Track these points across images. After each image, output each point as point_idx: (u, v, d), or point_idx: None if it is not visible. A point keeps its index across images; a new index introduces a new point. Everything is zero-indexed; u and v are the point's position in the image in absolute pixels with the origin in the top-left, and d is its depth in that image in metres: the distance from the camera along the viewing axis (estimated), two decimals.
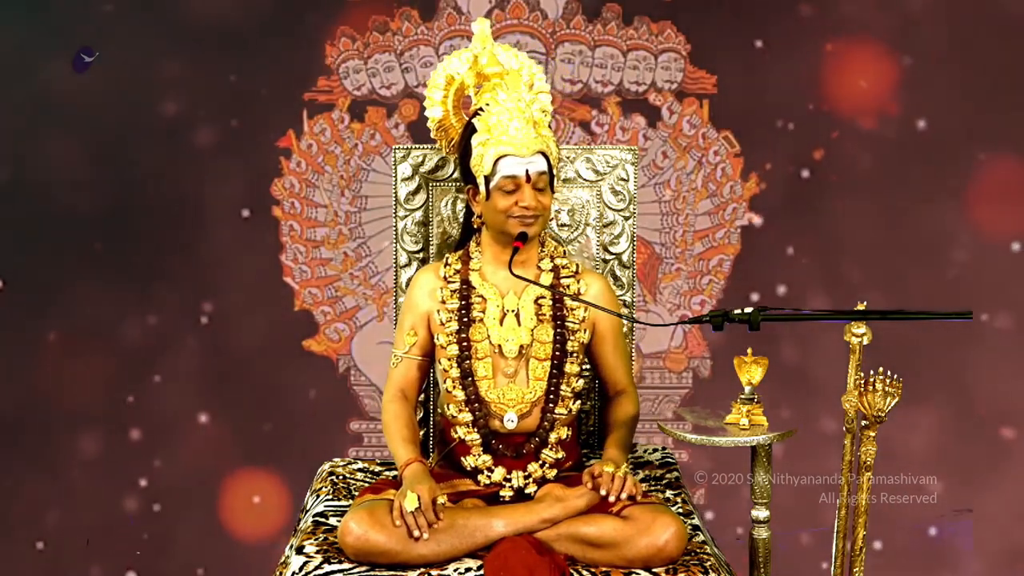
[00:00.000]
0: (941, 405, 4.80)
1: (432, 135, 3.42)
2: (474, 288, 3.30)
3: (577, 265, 3.37)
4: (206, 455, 4.87)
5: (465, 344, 3.25)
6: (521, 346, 3.26)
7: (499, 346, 3.26)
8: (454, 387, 3.26)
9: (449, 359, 3.26)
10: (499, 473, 3.23)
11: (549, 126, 3.30)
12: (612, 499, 3.06)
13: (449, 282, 3.31)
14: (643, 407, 4.77)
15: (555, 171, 3.28)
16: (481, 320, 3.27)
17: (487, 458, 3.24)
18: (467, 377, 3.25)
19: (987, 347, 4.80)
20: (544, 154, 3.22)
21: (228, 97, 4.78)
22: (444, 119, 3.39)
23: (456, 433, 3.27)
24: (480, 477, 3.24)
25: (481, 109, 3.27)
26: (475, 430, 3.25)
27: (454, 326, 3.27)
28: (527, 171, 3.20)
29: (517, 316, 3.28)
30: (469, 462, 3.25)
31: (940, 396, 4.78)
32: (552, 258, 3.34)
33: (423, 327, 3.32)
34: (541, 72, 3.34)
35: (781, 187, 4.82)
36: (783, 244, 4.83)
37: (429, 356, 3.35)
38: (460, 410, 3.25)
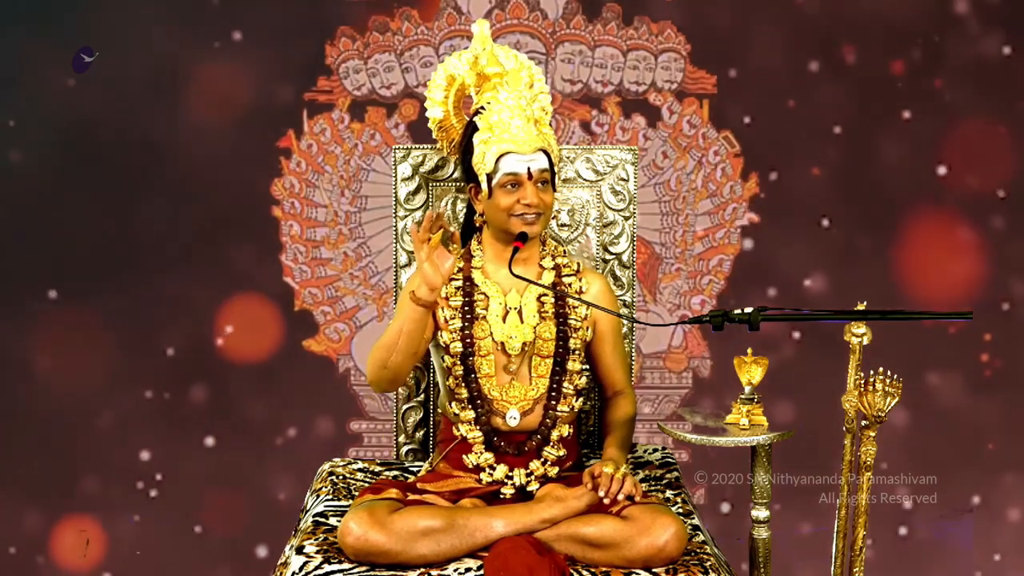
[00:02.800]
0: None
1: (433, 135, 3.43)
2: (477, 285, 3.31)
3: (578, 264, 3.37)
4: (205, 457, 4.88)
5: (469, 341, 3.26)
6: (524, 343, 3.26)
7: (502, 343, 3.27)
8: (457, 385, 3.26)
9: (453, 356, 3.26)
10: (501, 471, 3.24)
11: (549, 124, 3.32)
12: (607, 501, 3.06)
13: (452, 279, 3.31)
14: (643, 407, 4.79)
15: (556, 169, 3.29)
16: (484, 317, 3.28)
17: (489, 456, 3.25)
18: (470, 374, 3.25)
19: None
20: (546, 152, 3.24)
21: (228, 96, 4.78)
22: (445, 119, 3.39)
23: (458, 431, 3.27)
24: (482, 475, 3.24)
25: (482, 108, 3.28)
26: (477, 428, 3.25)
27: (457, 323, 3.27)
28: (529, 168, 3.21)
29: (520, 313, 3.29)
30: (471, 460, 3.25)
31: None
32: (553, 257, 3.35)
33: None
34: (540, 73, 3.36)
35: (782, 186, 4.83)
36: (784, 244, 4.83)
37: (428, 338, 3.31)
38: (463, 408, 3.26)
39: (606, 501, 3.07)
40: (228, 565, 4.89)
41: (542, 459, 3.26)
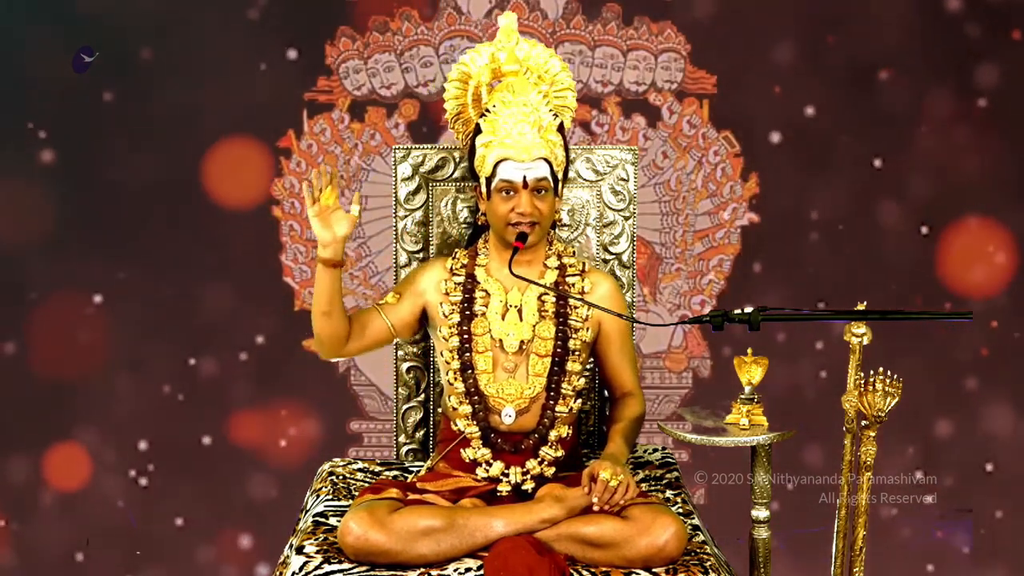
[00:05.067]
0: None
1: (450, 127, 3.42)
2: (478, 282, 3.31)
3: (584, 264, 3.37)
4: (205, 455, 4.88)
5: (466, 337, 3.26)
6: (522, 341, 3.26)
7: (500, 340, 3.27)
8: (454, 379, 3.27)
9: (450, 351, 3.27)
10: (497, 467, 3.24)
11: (559, 129, 3.28)
12: (596, 508, 3.05)
13: (455, 275, 3.32)
14: None
15: (559, 177, 3.27)
16: (483, 314, 3.28)
17: (486, 452, 3.25)
18: (467, 370, 3.26)
19: None
20: (547, 160, 3.22)
21: (228, 97, 4.78)
22: (463, 112, 3.38)
23: (456, 426, 3.27)
24: (479, 470, 3.24)
25: (487, 111, 3.27)
26: (474, 423, 3.25)
27: (456, 318, 3.28)
28: (525, 177, 3.21)
29: (519, 311, 3.29)
30: (468, 454, 3.26)
31: None
32: (559, 256, 3.35)
33: (409, 302, 3.31)
34: (566, 71, 3.34)
35: (782, 185, 4.83)
36: (783, 244, 4.84)
37: (393, 330, 3.32)
38: (460, 402, 3.26)
39: (595, 509, 3.06)
40: (218, 561, 4.90)
41: (539, 459, 3.26)
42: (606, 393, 3.51)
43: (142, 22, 4.75)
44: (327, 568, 3.00)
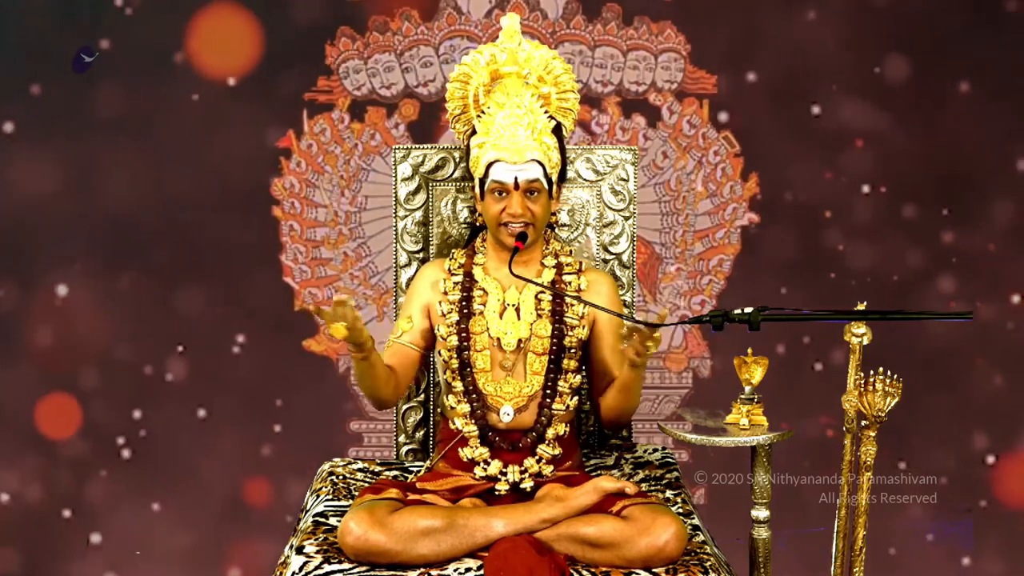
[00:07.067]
0: None
1: (451, 127, 3.42)
2: (476, 281, 3.31)
3: (581, 263, 3.37)
4: (205, 454, 4.87)
5: (464, 335, 3.27)
6: (519, 340, 3.27)
7: (498, 339, 3.27)
8: (453, 378, 3.27)
9: (449, 350, 3.28)
10: (495, 466, 3.24)
11: (556, 131, 3.28)
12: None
13: (453, 274, 3.33)
14: (643, 407, 4.79)
15: (553, 179, 3.27)
16: (481, 313, 3.29)
17: (484, 450, 3.25)
18: (465, 368, 3.26)
19: None
20: (540, 162, 3.22)
21: (228, 97, 4.78)
22: (464, 113, 3.39)
23: (454, 425, 3.28)
24: (477, 469, 3.25)
25: (482, 112, 3.27)
26: (472, 422, 3.25)
27: (454, 317, 3.28)
28: (516, 178, 3.21)
29: (517, 310, 3.29)
30: (466, 453, 3.26)
31: None
32: (556, 255, 3.35)
33: (420, 316, 3.33)
34: (568, 72, 3.33)
35: (782, 185, 4.83)
36: (783, 243, 4.83)
37: (421, 348, 3.34)
38: (459, 401, 3.27)
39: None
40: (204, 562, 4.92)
41: (537, 457, 3.26)
42: (592, 394, 3.43)
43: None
44: (327, 568, 3.01)
